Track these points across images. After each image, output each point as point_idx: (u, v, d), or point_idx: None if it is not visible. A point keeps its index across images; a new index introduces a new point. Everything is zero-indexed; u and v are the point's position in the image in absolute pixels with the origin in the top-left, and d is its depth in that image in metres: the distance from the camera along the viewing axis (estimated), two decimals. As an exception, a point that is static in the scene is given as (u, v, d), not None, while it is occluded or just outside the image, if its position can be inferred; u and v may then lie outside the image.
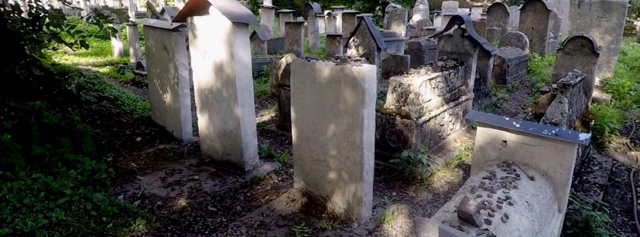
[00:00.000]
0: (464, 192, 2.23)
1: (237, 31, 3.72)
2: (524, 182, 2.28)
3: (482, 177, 2.33)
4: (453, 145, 5.12)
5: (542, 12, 11.55)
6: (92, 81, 6.38)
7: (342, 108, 3.07)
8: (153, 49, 5.08)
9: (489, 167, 2.48)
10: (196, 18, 4.06)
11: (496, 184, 2.20)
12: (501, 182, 2.21)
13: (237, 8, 3.79)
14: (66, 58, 11.81)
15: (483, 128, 2.61)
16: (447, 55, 5.38)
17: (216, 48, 3.92)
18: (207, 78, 4.15)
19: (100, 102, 5.86)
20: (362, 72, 2.89)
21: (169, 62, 4.78)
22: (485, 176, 2.33)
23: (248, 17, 3.77)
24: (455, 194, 2.44)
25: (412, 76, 4.41)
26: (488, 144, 2.61)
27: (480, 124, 2.61)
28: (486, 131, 2.60)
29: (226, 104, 4.05)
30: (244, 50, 3.84)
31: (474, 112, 2.77)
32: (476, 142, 2.69)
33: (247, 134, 4.11)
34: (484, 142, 2.62)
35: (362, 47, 6.24)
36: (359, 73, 2.90)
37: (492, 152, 2.61)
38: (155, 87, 5.32)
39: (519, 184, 2.23)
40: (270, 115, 6.41)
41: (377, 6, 25.02)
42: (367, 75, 2.90)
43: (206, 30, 3.99)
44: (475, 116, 2.62)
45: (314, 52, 12.90)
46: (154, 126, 5.50)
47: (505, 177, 2.28)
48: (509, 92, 8.13)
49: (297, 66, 3.28)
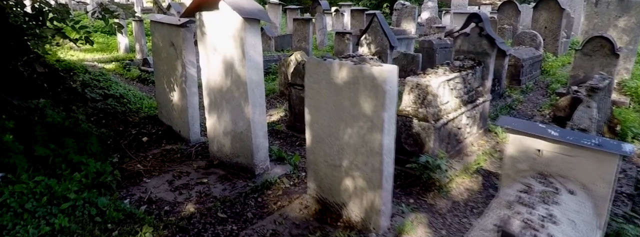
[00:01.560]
0: (499, 207, 2.05)
1: (249, 27, 3.55)
2: (565, 197, 2.09)
3: (517, 190, 2.15)
4: (470, 149, 4.93)
5: (556, 11, 11.30)
6: (98, 78, 6.23)
7: (360, 111, 2.89)
8: (160, 45, 4.91)
9: (523, 178, 2.30)
10: (205, 13, 3.88)
11: (535, 199, 2.02)
12: (540, 197, 2.03)
13: (248, 3, 3.61)
14: (72, 54, 11.69)
15: (515, 136, 2.42)
16: (464, 55, 5.18)
17: (226, 45, 3.74)
18: (216, 76, 3.98)
19: (105, 100, 5.71)
20: (383, 73, 2.71)
21: (177, 60, 4.61)
22: (521, 189, 2.15)
23: (260, 12, 3.59)
24: (487, 208, 2.26)
25: (429, 77, 4.22)
26: (520, 153, 2.42)
27: (511, 131, 2.43)
28: (519, 138, 2.41)
29: (236, 103, 3.88)
30: (255, 47, 3.66)
31: (505, 118, 2.58)
32: (507, 151, 2.51)
33: (257, 136, 3.94)
34: (515, 151, 2.44)
35: (374, 45, 6.05)
36: (380, 74, 2.72)
37: (525, 162, 2.42)
38: (162, 86, 5.15)
39: (560, 199, 2.05)
40: (279, 115, 6.24)
41: (384, 3, 24.76)
42: (389, 76, 2.72)
43: (215, 27, 3.81)
44: (506, 123, 2.43)
45: (321, 49, 12.71)
46: (161, 125, 5.34)
47: (544, 191, 2.09)
48: (524, 93, 7.92)
49: (312, 66, 3.10)
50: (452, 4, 19.38)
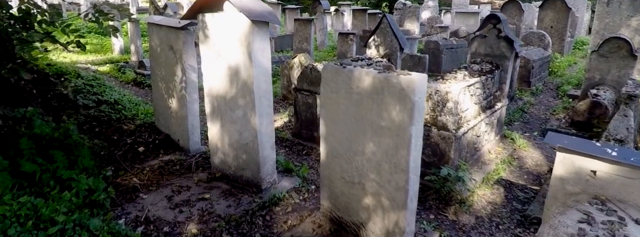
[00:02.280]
0: (559, 242, 1.76)
1: (257, 31, 3.24)
2: (632, 228, 1.80)
3: (576, 220, 1.86)
4: (488, 157, 4.64)
5: (562, 10, 11.06)
6: (91, 83, 5.90)
7: (384, 124, 2.59)
8: (158, 48, 4.59)
9: (578, 204, 2.00)
10: (208, 15, 3.57)
11: (601, 232, 1.73)
12: (607, 230, 1.74)
13: (256, 4, 3.30)
14: (64, 56, 11.32)
15: (565, 154, 2.13)
16: (481, 58, 4.89)
17: (231, 49, 3.43)
18: (220, 83, 3.67)
19: (99, 106, 5.38)
20: (411, 83, 2.41)
21: (176, 64, 4.29)
22: (580, 218, 1.86)
23: (269, 14, 3.28)
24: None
25: (449, 82, 3.92)
26: (572, 174, 2.13)
27: (562, 150, 2.13)
28: (569, 158, 2.12)
29: (241, 112, 3.57)
30: (263, 52, 3.35)
31: (554, 135, 2.29)
32: (555, 171, 2.21)
33: (265, 148, 3.63)
34: (566, 172, 2.14)
35: (383, 47, 5.76)
36: (408, 84, 2.42)
37: (576, 184, 2.13)
38: (159, 91, 4.83)
39: (629, 231, 1.76)
40: (283, 121, 5.93)
41: (383, 2, 24.49)
42: (418, 87, 2.42)
43: (220, 29, 3.50)
44: (556, 140, 2.14)
45: (322, 50, 12.41)
46: (158, 133, 5.02)
47: (608, 221, 1.80)
48: (534, 95, 7.65)
49: (329, 73, 2.80)
50: (453, 3, 19.12)
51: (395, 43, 5.73)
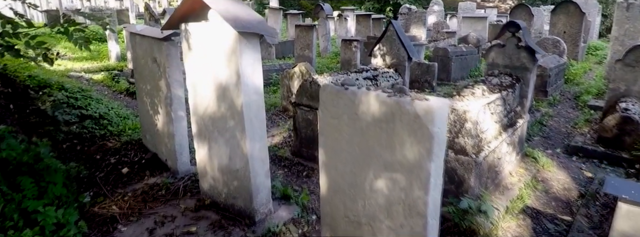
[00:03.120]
0: None
1: (245, 43, 2.80)
2: None
3: None
4: (509, 180, 4.17)
5: (576, 15, 10.60)
6: (75, 95, 5.48)
7: (397, 158, 2.14)
8: (142, 61, 4.17)
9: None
10: (192, 25, 3.14)
11: None
12: None
13: (245, 12, 2.87)
14: (59, 63, 10.97)
15: (631, 208, 1.66)
16: (499, 69, 4.43)
17: (217, 64, 3.00)
18: (206, 101, 3.24)
19: (82, 122, 4.96)
20: (430, 111, 1.96)
21: (160, 78, 3.87)
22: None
23: (259, 24, 2.84)
24: None
25: (466, 99, 3.47)
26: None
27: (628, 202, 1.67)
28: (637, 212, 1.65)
29: (231, 135, 3.13)
30: (253, 67, 2.91)
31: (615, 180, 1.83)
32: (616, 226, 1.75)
33: (257, 175, 3.18)
34: (631, 228, 1.67)
35: (389, 57, 5.31)
36: (426, 111, 1.97)
37: (645, 241, 1.66)
38: (145, 107, 4.41)
39: None
40: (282, 136, 5.49)
41: (387, 6, 24.08)
42: (438, 115, 1.96)
43: (204, 41, 3.07)
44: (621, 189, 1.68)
45: (325, 56, 11.99)
46: (145, 151, 4.59)
47: None
48: (552, 105, 7.17)
49: (329, 95, 2.35)
50: (459, 8, 18.66)
51: (402, 52, 5.29)
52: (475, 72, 9.16)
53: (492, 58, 4.49)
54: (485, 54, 4.57)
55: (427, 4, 22.63)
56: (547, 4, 22.49)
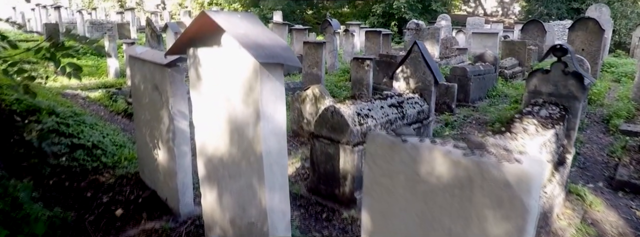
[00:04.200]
0: None
1: (267, 76, 2.31)
2: None
3: None
4: (558, 224, 3.65)
5: (595, 32, 10.18)
6: (67, 121, 4.98)
7: (474, 233, 1.63)
8: (141, 87, 3.68)
9: None
10: (202, 50, 2.66)
11: None
12: None
13: (267, 37, 2.38)
14: (55, 79, 10.51)
15: None
16: (543, 98, 3.95)
17: (232, 98, 2.50)
18: (217, 140, 2.74)
19: (72, 152, 4.44)
20: (525, 177, 1.46)
21: (162, 109, 3.37)
22: None
23: (284, 52, 2.36)
24: None
25: (520, 137, 2.97)
26: None
27: None
28: None
29: (246, 183, 2.62)
30: (275, 104, 2.42)
31: None
32: None
33: (276, 229, 2.66)
34: None
35: (413, 80, 4.83)
36: (519, 178, 1.46)
37: None
38: (143, 138, 3.90)
39: None
40: (295, 167, 4.97)
41: (392, 21, 23.80)
42: (535, 183, 1.46)
43: (217, 70, 2.59)
44: None
45: (332, 73, 11.53)
46: (143, 188, 4.06)
47: None
48: (580, 130, 6.67)
49: (380, 148, 1.84)
50: (468, 23, 18.31)
51: (428, 75, 4.81)
52: (493, 92, 8.69)
53: (534, 85, 4.00)
54: (527, 81, 4.09)
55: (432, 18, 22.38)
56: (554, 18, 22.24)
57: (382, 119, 4.02)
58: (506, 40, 11.73)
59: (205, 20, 2.40)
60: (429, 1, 23.63)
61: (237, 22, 2.36)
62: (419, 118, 4.65)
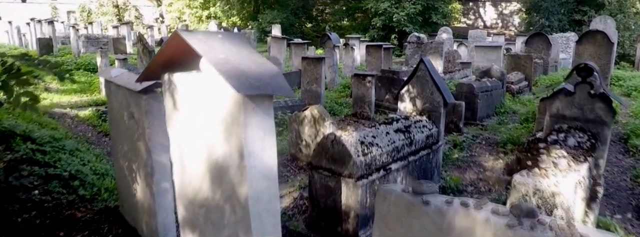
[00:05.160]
0: None
1: (252, 109, 1.92)
2: None
3: None
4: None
5: (604, 45, 9.83)
6: (44, 148, 4.57)
7: None
8: (117, 114, 3.29)
9: None
10: (178, 76, 2.27)
11: None
12: None
13: (253, 63, 2.00)
14: (44, 96, 10.14)
15: None
16: (567, 123, 3.54)
17: (212, 133, 2.11)
18: (197, 182, 2.33)
19: (46, 184, 4.03)
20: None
21: (139, 140, 2.96)
22: None
23: (272, 80, 1.96)
24: None
25: (551, 172, 2.55)
26: None
27: None
28: None
29: (230, 233, 2.20)
30: (264, 141, 2.01)
31: None
32: None
33: (267, 288, 2.23)
34: None
35: (420, 101, 4.44)
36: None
37: None
38: (121, 171, 3.49)
39: None
40: (292, 197, 4.54)
41: (392, 34, 23.54)
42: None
43: (195, 98, 2.20)
44: None
45: (332, 89, 11.15)
46: (123, 225, 3.64)
47: None
48: (597, 150, 6.25)
49: (394, 208, 1.44)
50: (469, 36, 18.02)
51: (437, 95, 4.42)
52: (500, 109, 8.30)
53: (557, 108, 3.60)
54: (549, 103, 3.69)
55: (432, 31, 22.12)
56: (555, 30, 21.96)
57: (388, 147, 3.61)
58: (511, 54, 11.37)
59: (179, 43, 2.01)
60: (429, 13, 23.40)
61: (217, 44, 1.98)
62: (427, 143, 4.25)
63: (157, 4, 35.77)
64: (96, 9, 31.67)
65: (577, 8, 22.02)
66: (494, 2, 36.37)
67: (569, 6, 22.08)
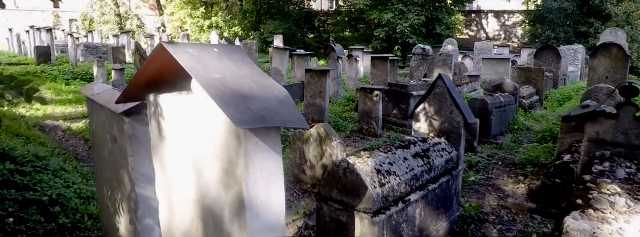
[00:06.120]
0: None
1: (256, 145, 1.52)
2: None
3: None
4: None
5: (620, 58, 9.46)
6: (25, 168, 4.16)
7: None
8: (100, 136, 2.88)
9: None
10: (166, 98, 1.87)
11: None
12: None
13: (257, 85, 1.60)
14: (38, 107, 9.76)
15: None
16: (610, 149, 3.13)
17: (206, 172, 1.70)
18: (185, 225, 1.92)
19: (23, 210, 3.61)
20: None
21: (122, 168, 2.55)
22: None
23: (282, 107, 1.57)
24: None
25: (609, 216, 2.13)
26: None
27: None
28: None
29: (225, 293, 1.78)
30: (270, 184, 1.61)
31: None
32: None
33: None
34: None
35: (438, 121, 4.04)
36: None
37: None
38: (104, 200, 3.07)
39: None
40: (296, 226, 4.10)
41: (395, 45, 23.23)
42: None
43: (186, 127, 1.79)
44: None
45: (336, 102, 10.76)
46: (104, 261, 3.21)
47: None
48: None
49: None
50: (475, 48, 17.68)
51: (456, 115, 4.01)
52: (514, 125, 7.89)
53: (596, 132, 3.19)
54: (588, 126, 3.28)
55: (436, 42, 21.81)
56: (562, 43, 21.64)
57: (406, 175, 3.20)
58: (523, 67, 11.00)
59: (166, 59, 1.62)
60: (433, 25, 23.11)
61: (212, 61, 1.58)
62: (447, 168, 3.83)
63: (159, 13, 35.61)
64: (98, 17, 31.48)
65: (583, 20, 21.72)
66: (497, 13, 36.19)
67: (575, 18, 21.78)
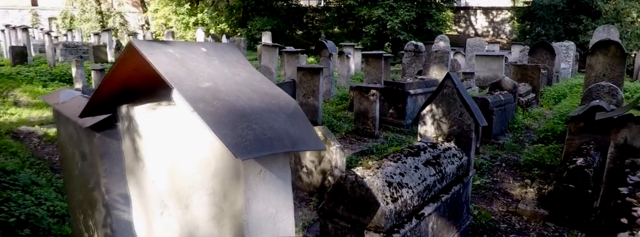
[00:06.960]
0: None
1: (260, 172, 1.15)
2: None
3: None
4: None
5: (617, 56, 9.25)
6: (-10, 182, 3.73)
7: None
8: (69, 151, 2.48)
9: None
10: (141, 110, 1.50)
11: None
12: None
13: (257, 93, 1.23)
14: (13, 111, 9.23)
15: None
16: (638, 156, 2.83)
17: (193, 205, 1.33)
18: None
19: (-14, 232, 3.18)
20: None
21: (95, 190, 2.16)
22: None
23: (290, 123, 1.21)
24: None
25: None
26: None
27: None
28: None
29: None
30: (276, 222, 1.25)
31: None
32: None
33: None
34: None
35: (446, 124, 3.72)
36: None
37: None
38: (77, 223, 2.67)
39: None
40: (294, 240, 3.74)
41: (386, 42, 22.93)
42: None
43: (167, 146, 1.42)
44: None
45: (328, 100, 10.40)
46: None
47: None
48: None
49: None
50: (468, 44, 17.44)
51: (467, 117, 3.69)
52: (513, 124, 7.62)
53: (624, 138, 2.89)
54: (614, 132, 2.97)
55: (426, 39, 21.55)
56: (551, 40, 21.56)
57: (419, 186, 2.86)
58: (518, 64, 10.76)
59: (138, 62, 1.24)
60: (423, 21, 22.84)
61: (199, 63, 1.21)
62: (458, 176, 3.51)
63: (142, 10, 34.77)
64: (79, 15, 30.57)
65: (572, 16, 21.64)
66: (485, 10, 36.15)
67: (564, 14, 21.70)
